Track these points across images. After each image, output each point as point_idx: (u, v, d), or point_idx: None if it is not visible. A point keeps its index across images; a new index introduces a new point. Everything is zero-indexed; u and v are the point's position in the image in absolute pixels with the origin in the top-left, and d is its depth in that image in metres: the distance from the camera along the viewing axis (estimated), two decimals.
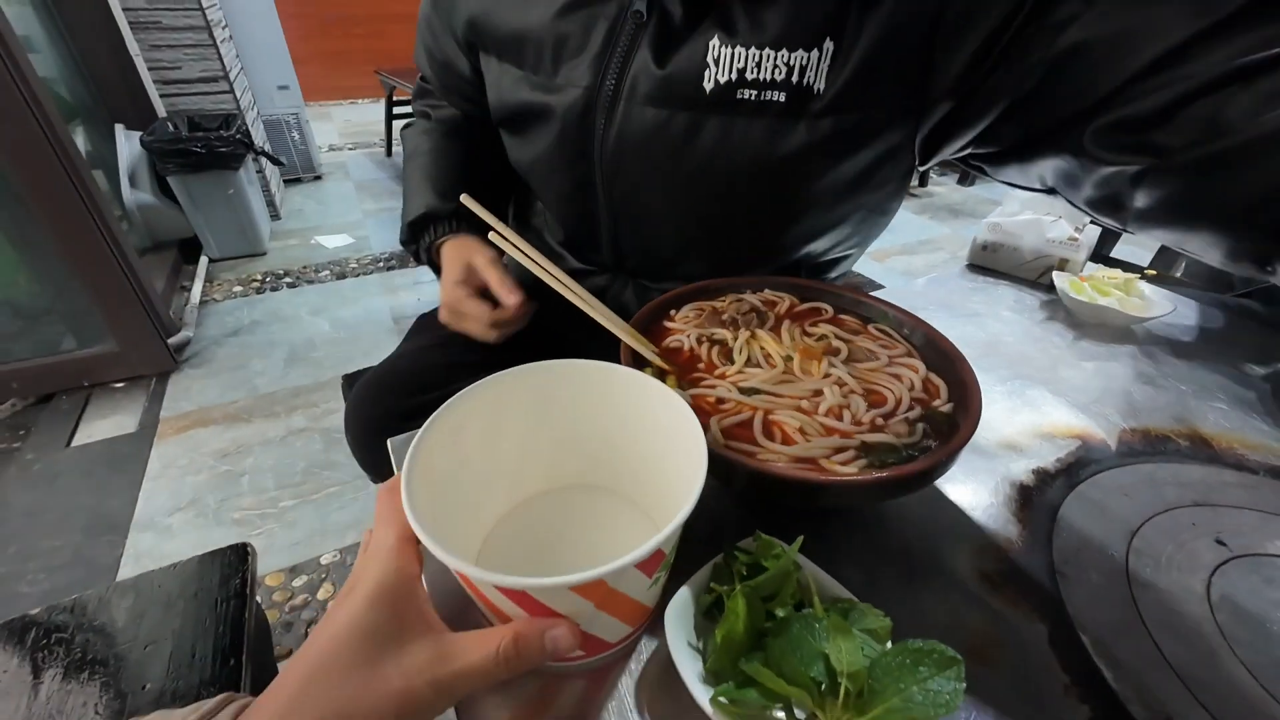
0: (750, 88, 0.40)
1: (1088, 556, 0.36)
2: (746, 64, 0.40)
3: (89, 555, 1.11)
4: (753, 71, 0.40)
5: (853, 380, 0.38)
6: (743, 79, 0.40)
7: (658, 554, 0.24)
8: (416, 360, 0.60)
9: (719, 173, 0.44)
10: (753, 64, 0.40)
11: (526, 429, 0.34)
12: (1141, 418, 0.47)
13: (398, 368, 0.59)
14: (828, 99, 0.40)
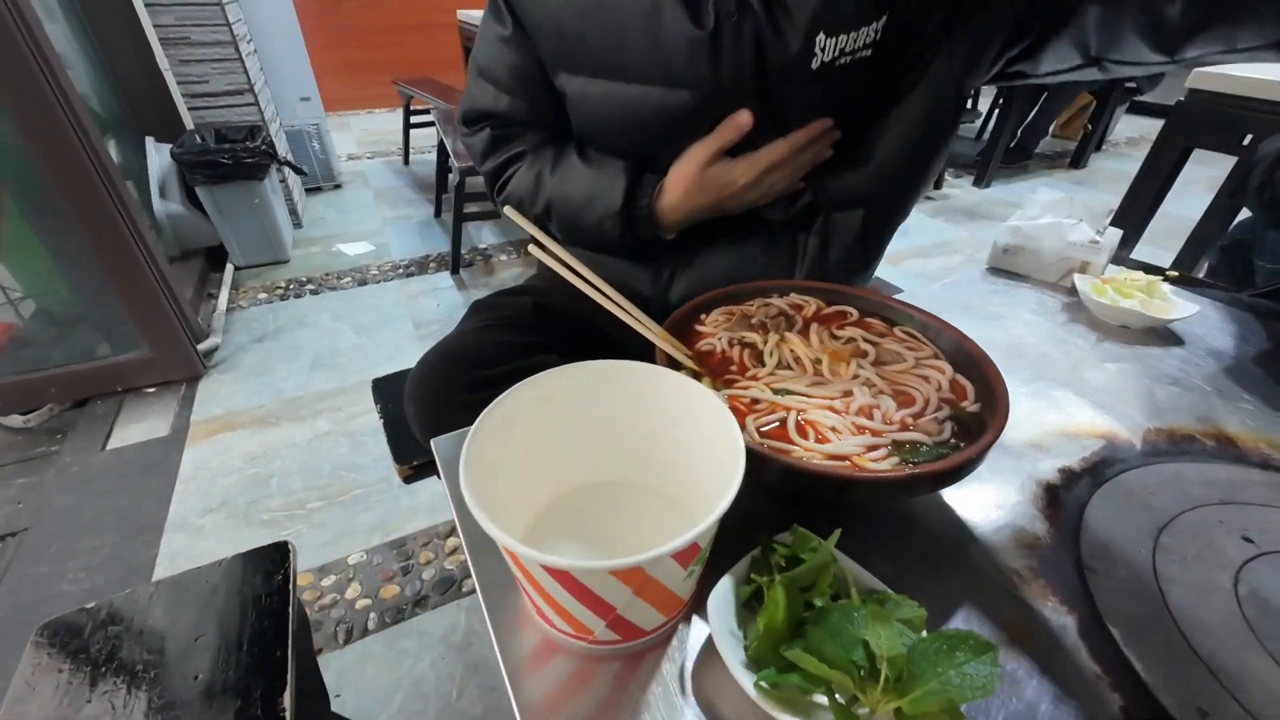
0: (847, 56, 0.49)
1: (1115, 552, 0.36)
2: (846, 43, 0.48)
3: (126, 555, 1.15)
4: (849, 45, 0.48)
5: (881, 381, 0.39)
6: (841, 54, 0.49)
7: (693, 547, 0.26)
8: (479, 338, 0.62)
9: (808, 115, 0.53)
10: (846, 43, 0.48)
11: (570, 425, 0.36)
12: (1166, 417, 0.48)
13: (461, 344, 0.61)
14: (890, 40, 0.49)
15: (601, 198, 0.57)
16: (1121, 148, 3.78)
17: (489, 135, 0.63)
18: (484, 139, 0.63)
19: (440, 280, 2.11)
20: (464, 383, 0.56)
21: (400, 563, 1.13)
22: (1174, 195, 1.60)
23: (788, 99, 0.51)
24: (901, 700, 0.25)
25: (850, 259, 0.61)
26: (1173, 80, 3.40)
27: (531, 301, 0.67)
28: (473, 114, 0.63)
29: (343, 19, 3.99)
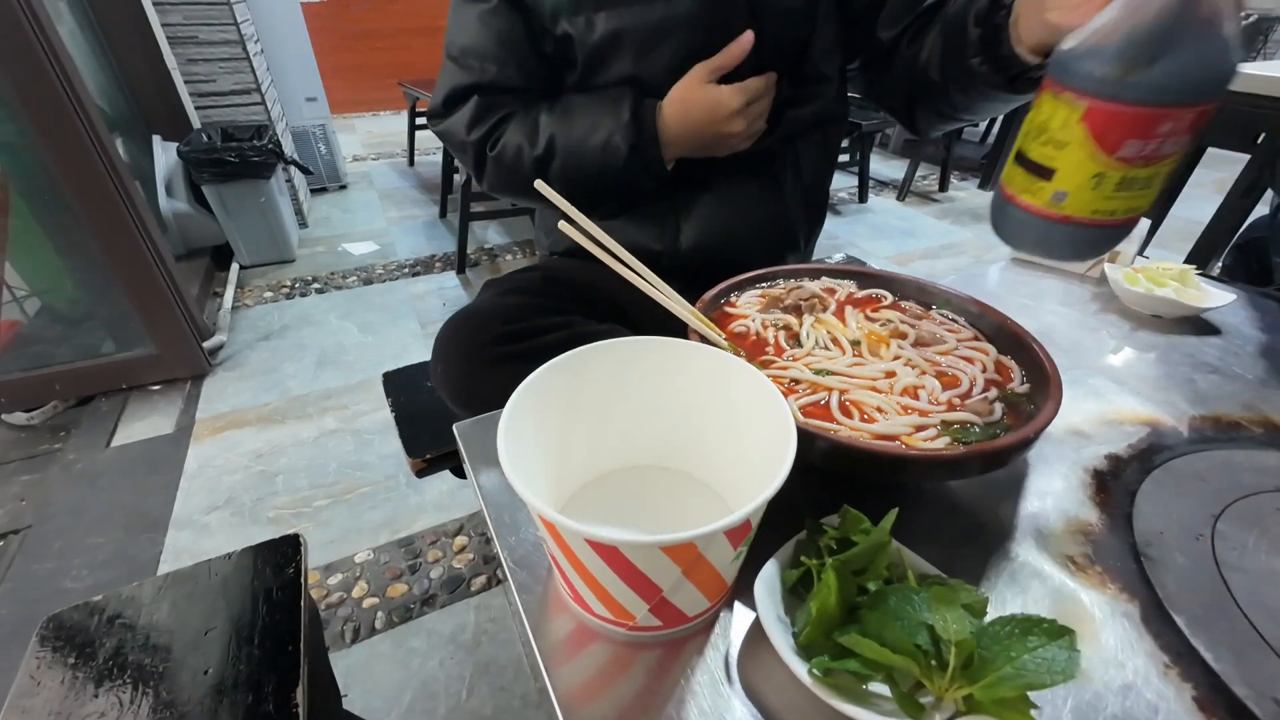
0: None
1: (1171, 539, 0.35)
2: None
3: (130, 552, 1.13)
4: None
5: (924, 363, 0.38)
6: None
7: (745, 525, 0.25)
8: (499, 301, 0.62)
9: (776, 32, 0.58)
10: None
11: (606, 403, 0.34)
12: (1210, 405, 0.46)
13: (483, 307, 0.61)
14: None
15: (607, 116, 0.58)
16: None
17: (476, 105, 0.62)
18: (470, 110, 0.62)
19: (446, 280, 2.10)
20: (491, 337, 0.55)
21: (408, 561, 1.11)
22: (1180, 198, 1.59)
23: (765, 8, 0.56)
24: (973, 687, 0.23)
25: (819, 175, 0.72)
26: None
27: (541, 275, 0.67)
28: (455, 94, 0.63)
29: (350, 22, 4.00)
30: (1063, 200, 0.34)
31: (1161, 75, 0.30)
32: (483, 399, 0.53)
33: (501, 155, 0.62)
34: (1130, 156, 0.32)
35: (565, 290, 0.65)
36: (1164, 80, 0.30)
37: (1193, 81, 0.30)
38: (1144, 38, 0.30)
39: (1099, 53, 0.31)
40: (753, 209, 0.67)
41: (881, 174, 3.27)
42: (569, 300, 0.64)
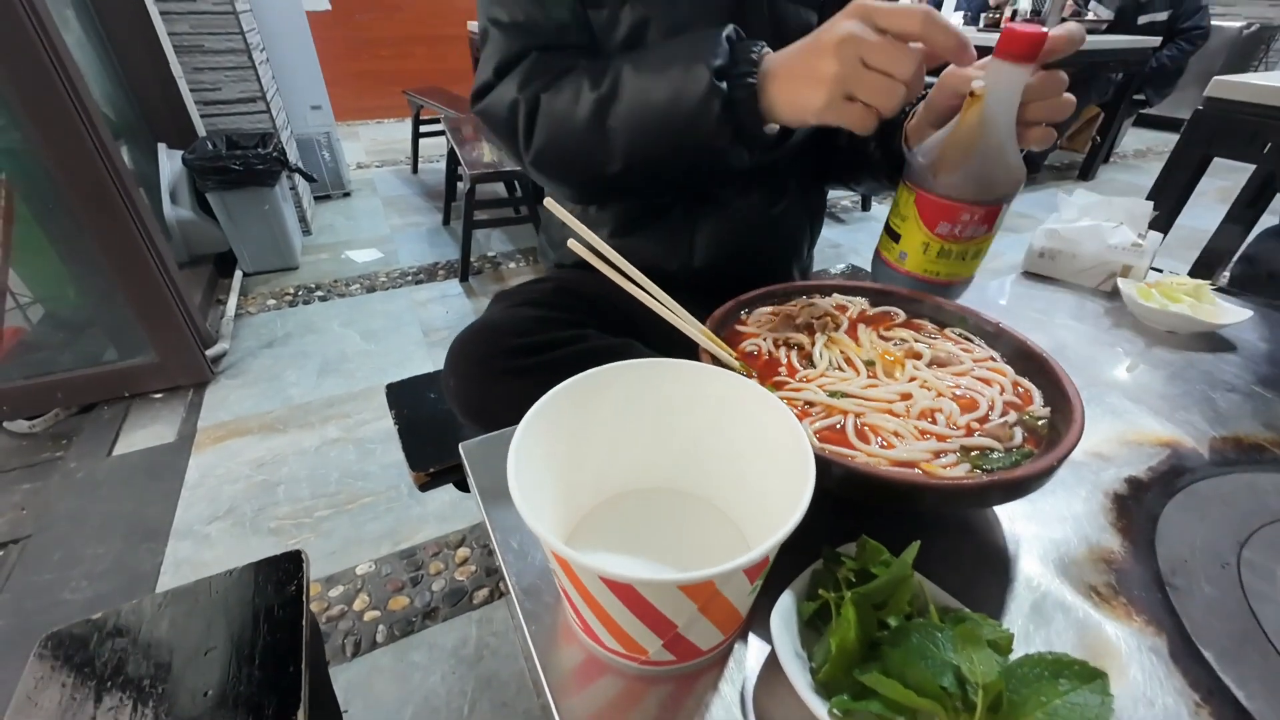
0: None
1: (1197, 567, 0.34)
2: None
3: (130, 563, 1.12)
4: None
5: (940, 384, 0.37)
6: None
7: (764, 560, 0.24)
8: (511, 314, 0.60)
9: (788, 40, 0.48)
10: None
11: (617, 426, 0.34)
12: (1231, 425, 0.45)
13: (495, 320, 0.60)
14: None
15: (689, 46, 0.47)
16: (1130, 160, 3.77)
17: (533, 61, 0.54)
18: (525, 68, 0.54)
19: (449, 287, 2.10)
20: (504, 350, 0.54)
21: (410, 573, 1.10)
22: (1185, 207, 1.59)
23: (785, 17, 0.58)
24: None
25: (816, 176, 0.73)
26: (1180, 94, 3.40)
27: (553, 286, 0.67)
28: (507, 60, 0.55)
29: (355, 31, 4.03)
30: (905, 259, 0.51)
31: (957, 181, 0.46)
32: (493, 413, 0.52)
33: (556, 97, 0.52)
34: (944, 234, 0.48)
35: (578, 302, 0.65)
36: (957, 185, 0.46)
37: (979, 188, 0.45)
38: (943, 156, 0.46)
39: (924, 158, 0.47)
40: (760, 218, 0.67)
41: None
42: (582, 312, 0.63)
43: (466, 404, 0.55)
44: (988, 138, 0.43)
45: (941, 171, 0.46)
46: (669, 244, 0.66)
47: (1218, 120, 1.49)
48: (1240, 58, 3.96)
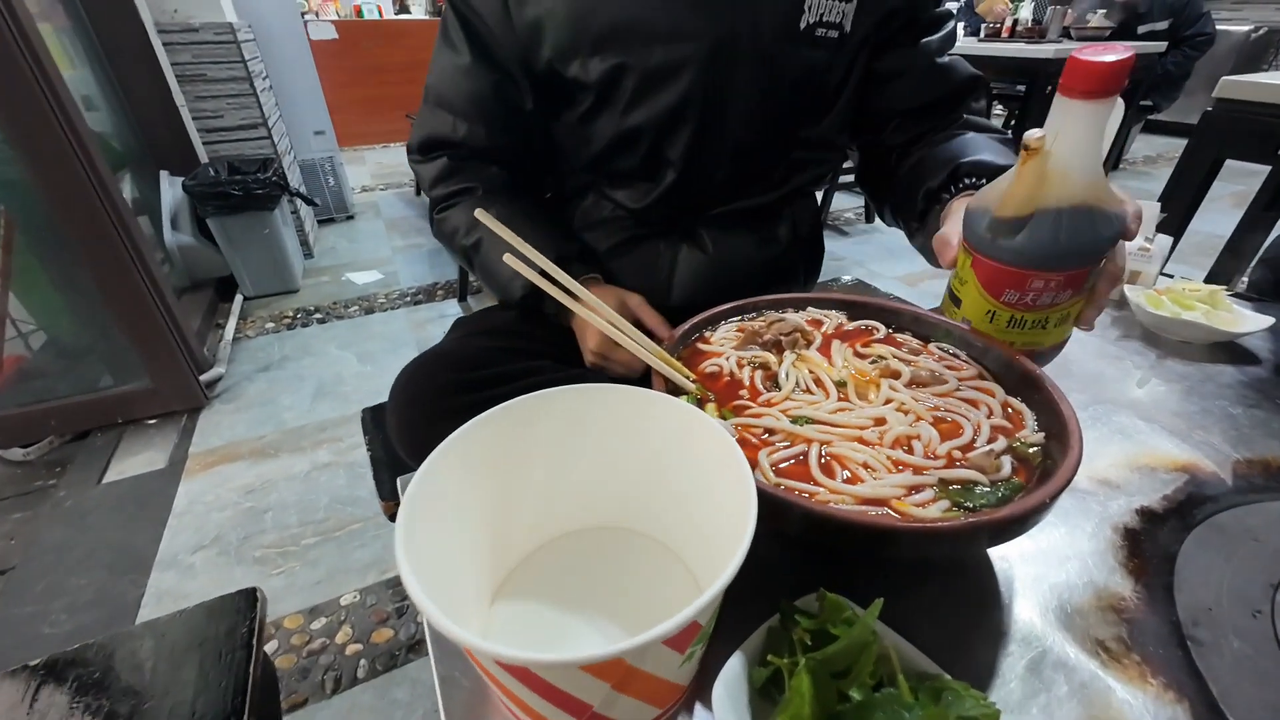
0: (822, 28, 0.54)
1: (1223, 617, 0.29)
2: (825, 11, 0.53)
3: (112, 594, 1.10)
4: (828, 14, 0.54)
5: (919, 407, 0.33)
6: (821, 20, 0.54)
7: (692, 626, 0.20)
8: (460, 345, 0.61)
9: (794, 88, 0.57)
10: (826, 9, 0.53)
11: (553, 460, 0.30)
12: (1256, 446, 0.41)
13: (441, 351, 0.59)
14: (854, 39, 0.56)
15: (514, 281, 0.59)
16: (1139, 166, 3.70)
17: (445, 163, 0.63)
18: (439, 166, 0.63)
19: (447, 308, 2.09)
20: (446, 385, 0.52)
21: (395, 603, 1.06)
22: (1198, 212, 1.53)
23: (780, 58, 0.55)
24: None
25: (814, 225, 0.72)
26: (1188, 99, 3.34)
27: (516, 315, 0.64)
28: (429, 142, 0.63)
29: (360, 58, 4.11)
30: (968, 326, 0.41)
31: (1019, 246, 0.36)
32: None
33: (443, 225, 0.64)
34: (1012, 302, 0.38)
35: (541, 331, 0.62)
36: (1021, 250, 0.36)
37: (1048, 255, 0.36)
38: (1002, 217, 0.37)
39: (980, 217, 0.38)
40: (749, 263, 0.65)
41: None
42: (544, 342, 0.61)
43: (406, 444, 0.52)
44: (1062, 195, 0.35)
45: (1001, 235, 0.37)
46: (648, 277, 0.64)
47: (1228, 122, 1.44)
48: (1248, 61, 3.90)
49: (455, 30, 0.57)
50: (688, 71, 0.53)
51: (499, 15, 0.55)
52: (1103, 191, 0.35)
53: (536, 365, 0.55)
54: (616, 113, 0.57)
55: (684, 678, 0.24)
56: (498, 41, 0.56)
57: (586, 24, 0.53)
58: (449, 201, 0.63)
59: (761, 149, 0.60)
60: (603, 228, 0.65)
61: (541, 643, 0.28)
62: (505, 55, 0.57)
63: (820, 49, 0.55)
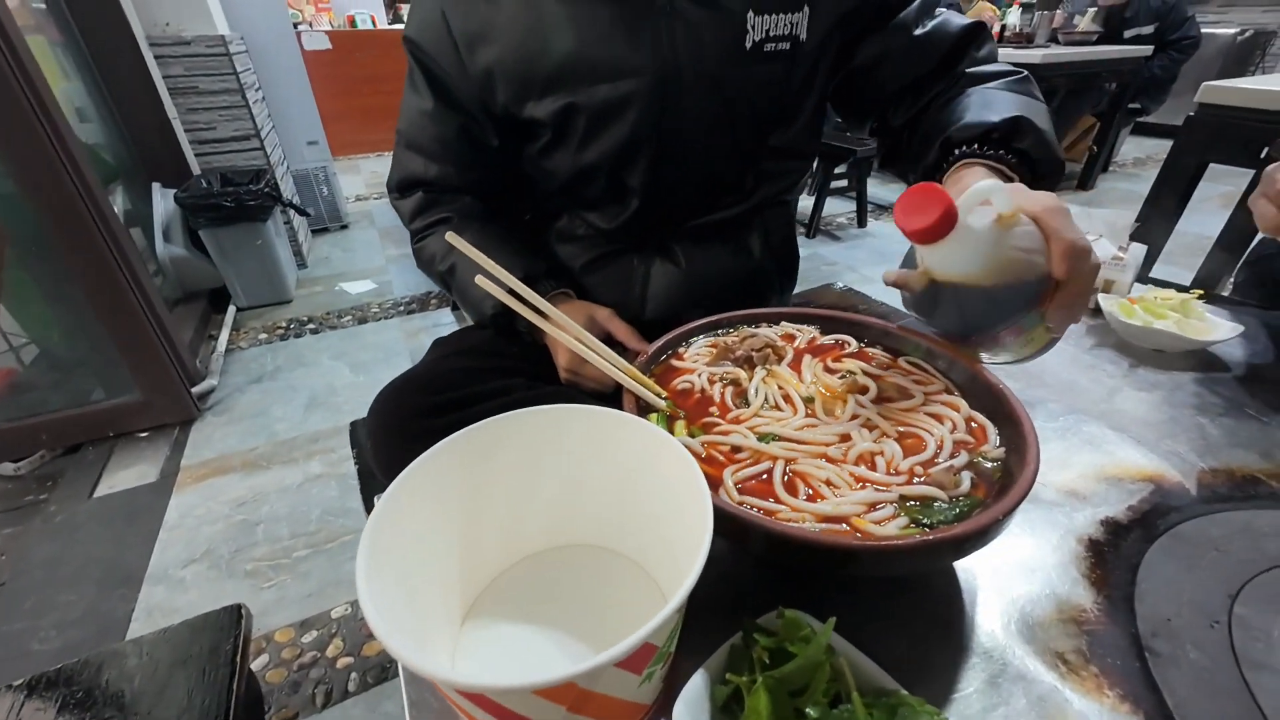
0: (771, 43, 0.54)
1: (1182, 628, 0.30)
2: (771, 26, 0.53)
3: (102, 610, 1.09)
4: (774, 28, 0.54)
5: (885, 422, 0.34)
6: (768, 36, 0.54)
7: (646, 648, 0.20)
8: (435, 367, 0.62)
9: (751, 104, 0.57)
10: (772, 25, 0.53)
11: (521, 481, 0.31)
12: (1222, 456, 0.41)
13: (417, 373, 0.60)
14: (810, 46, 0.56)
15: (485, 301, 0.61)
16: (1129, 168, 3.73)
17: (420, 198, 0.65)
18: (415, 201, 0.65)
19: (441, 316, 2.09)
20: (419, 409, 0.53)
21: None
22: (1187, 212, 1.55)
23: (729, 80, 0.55)
24: None
25: (787, 235, 0.72)
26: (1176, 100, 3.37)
27: (493, 333, 0.65)
28: (405, 183, 0.66)
29: (355, 68, 4.12)
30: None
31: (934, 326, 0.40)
32: None
33: (421, 254, 0.67)
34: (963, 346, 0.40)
35: (516, 348, 0.63)
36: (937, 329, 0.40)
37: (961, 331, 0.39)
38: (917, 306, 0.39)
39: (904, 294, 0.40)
40: (724, 275, 0.66)
41: (880, 198, 3.26)
42: (520, 359, 0.62)
43: (384, 467, 0.53)
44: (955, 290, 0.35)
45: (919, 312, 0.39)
46: (623, 292, 0.65)
47: (1212, 126, 1.46)
48: (1236, 63, 3.94)
49: (418, 76, 0.60)
50: (634, 106, 0.54)
51: (454, 63, 0.57)
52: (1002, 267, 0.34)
53: (509, 384, 0.56)
54: (572, 148, 0.58)
55: (646, 697, 0.24)
56: (457, 86, 0.58)
57: (534, 69, 0.54)
58: (426, 232, 0.66)
59: (727, 164, 0.61)
60: (577, 244, 0.66)
61: (510, 663, 0.29)
62: (465, 98, 0.59)
63: (774, 63, 0.55)
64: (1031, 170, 0.47)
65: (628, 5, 0.52)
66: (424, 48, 0.58)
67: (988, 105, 0.50)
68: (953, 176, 0.47)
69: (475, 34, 0.55)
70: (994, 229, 0.33)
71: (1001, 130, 0.47)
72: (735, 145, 0.59)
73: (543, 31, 0.53)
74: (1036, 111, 0.49)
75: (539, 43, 0.53)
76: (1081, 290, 0.35)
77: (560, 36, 0.53)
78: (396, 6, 5.03)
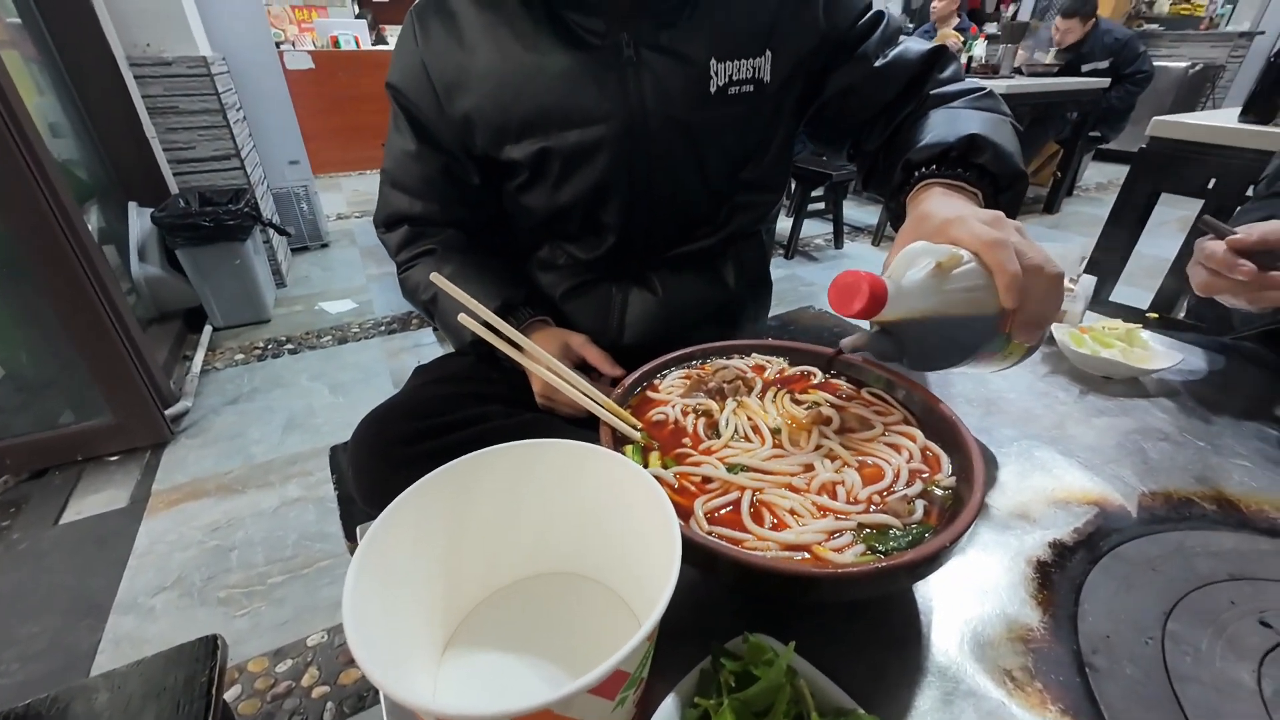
0: (735, 86, 0.57)
1: (1119, 644, 0.32)
2: (734, 71, 0.56)
3: (67, 641, 1.06)
4: (737, 73, 0.56)
5: (846, 452, 0.36)
6: (731, 81, 0.56)
7: (618, 674, 0.22)
8: (417, 394, 0.63)
9: (718, 144, 0.60)
10: (735, 70, 0.56)
11: (500, 513, 0.32)
12: (1161, 479, 0.44)
13: (398, 402, 0.61)
14: (774, 87, 0.59)
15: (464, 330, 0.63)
16: (1092, 193, 3.90)
17: (406, 232, 0.68)
18: (400, 235, 0.68)
19: (423, 336, 2.09)
20: (400, 436, 0.54)
21: None
22: (1147, 235, 1.62)
23: (695, 123, 0.57)
24: None
25: (761, 263, 0.74)
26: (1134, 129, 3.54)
27: (473, 360, 0.67)
28: (391, 219, 0.68)
29: (337, 88, 4.13)
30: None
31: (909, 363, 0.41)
32: None
33: (405, 284, 0.69)
34: None
35: (497, 375, 0.65)
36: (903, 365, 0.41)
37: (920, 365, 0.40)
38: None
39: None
40: (699, 303, 0.68)
41: (856, 220, 3.35)
42: (500, 385, 0.63)
43: (366, 496, 0.54)
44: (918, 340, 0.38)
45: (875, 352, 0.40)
46: (601, 319, 0.67)
47: (1162, 158, 1.54)
48: (1189, 93, 4.16)
49: (401, 120, 0.62)
50: (605, 150, 0.57)
51: (435, 108, 0.59)
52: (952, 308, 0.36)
53: (488, 410, 0.58)
54: (548, 188, 0.61)
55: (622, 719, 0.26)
56: (438, 130, 0.61)
57: (509, 115, 0.57)
58: (411, 263, 0.68)
59: (699, 201, 0.63)
60: (557, 273, 0.68)
61: (489, 691, 0.30)
62: (447, 141, 0.61)
63: (739, 105, 0.58)
64: (993, 184, 0.49)
65: (595, 55, 0.54)
66: (406, 94, 0.60)
67: (948, 123, 0.51)
68: (914, 199, 0.49)
69: (452, 83, 0.58)
70: (934, 278, 0.35)
71: (959, 148, 0.48)
72: (705, 183, 0.62)
73: (516, 80, 0.56)
74: (995, 126, 0.50)
75: (512, 91, 0.56)
76: (1039, 308, 0.37)
77: (532, 85, 0.55)
78: (380, 28, 5.08)
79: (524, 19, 0.55)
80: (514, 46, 0.56)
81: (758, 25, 0.56)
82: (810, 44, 0.58)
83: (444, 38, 0.58)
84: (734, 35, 0.56)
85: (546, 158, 0.58)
